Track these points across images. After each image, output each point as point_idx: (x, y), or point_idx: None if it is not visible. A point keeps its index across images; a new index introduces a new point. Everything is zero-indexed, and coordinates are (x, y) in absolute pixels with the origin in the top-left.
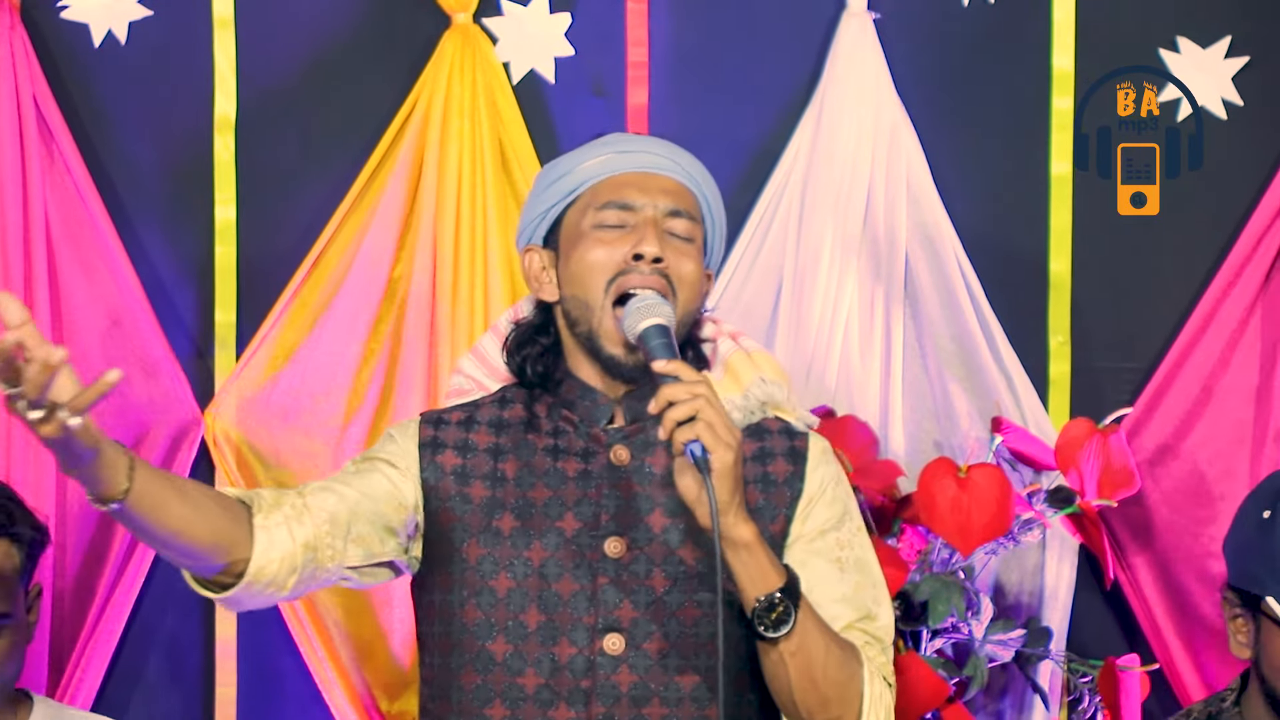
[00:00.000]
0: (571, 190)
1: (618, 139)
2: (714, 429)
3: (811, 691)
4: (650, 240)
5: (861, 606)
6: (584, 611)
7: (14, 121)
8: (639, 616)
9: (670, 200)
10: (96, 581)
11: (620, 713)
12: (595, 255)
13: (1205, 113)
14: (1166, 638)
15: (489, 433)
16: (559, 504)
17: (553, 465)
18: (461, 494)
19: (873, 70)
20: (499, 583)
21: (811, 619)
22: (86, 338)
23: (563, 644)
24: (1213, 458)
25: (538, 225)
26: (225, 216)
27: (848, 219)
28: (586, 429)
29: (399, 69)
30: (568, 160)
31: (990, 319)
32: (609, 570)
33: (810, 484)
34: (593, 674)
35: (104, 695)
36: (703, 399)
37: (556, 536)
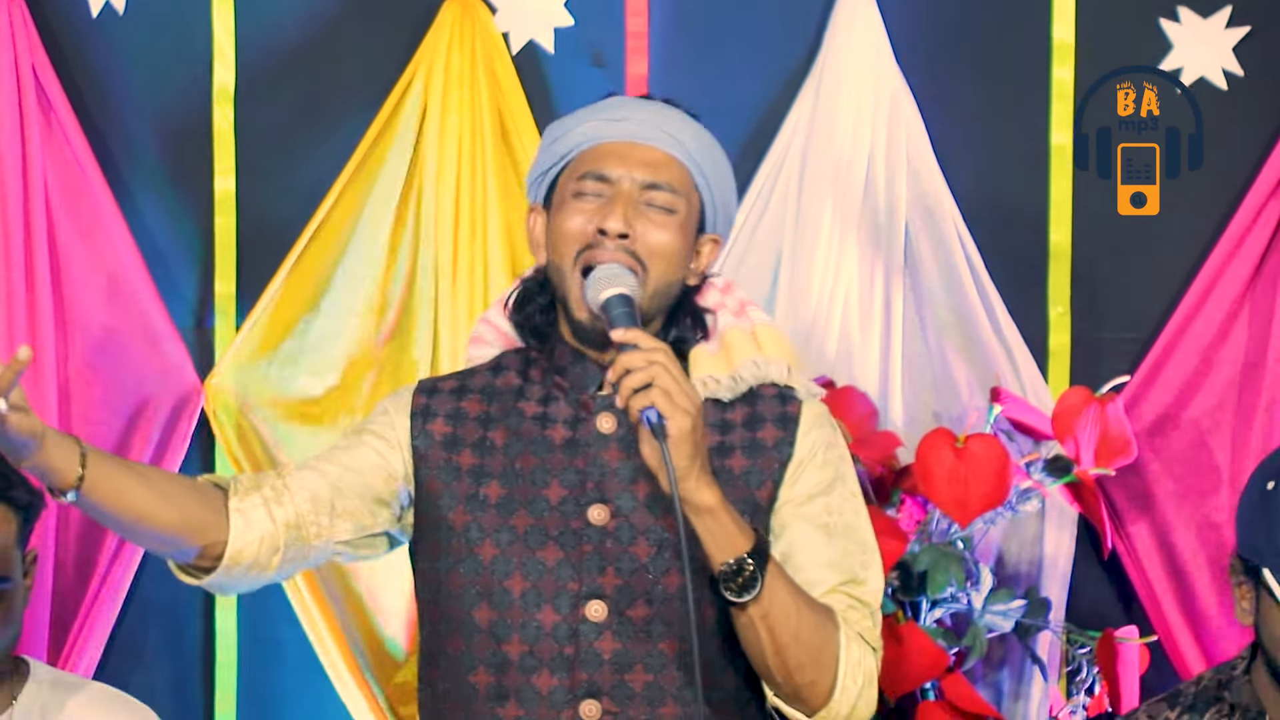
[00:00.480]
0: (564, 154)
1: (614, 105)
2: (670, 395)
3: (784, 655)
4: (615, 216)
5: (848, 570)
6: (568, 579)
7: (13, 93)
8: (622, 584)
9: (648, 173)
10: (97, 552)
11: (603, 679)
12: (569, 224)
13: (1205, 83)
14: (1165, 608)
15: (480, 400)
16: (545, 471)
17: (540, 433)
18: (449, 461)
19: (872, 40)
20: (483, 550)
21: (781, 583)
22: (87, 309)
23: (546, 611)
24: (1212, 428)
25: (539, 184)
26: (225, 187)
27: (847, 190)
28: (576, 395)
29: (398, 39)
30: (566, 122)
31: (990, 290)
32: (593, 538)
33: (800, 448)
34: (575, 641)
35: (105, 665)
36: (658, 365)
37: (542, 504)
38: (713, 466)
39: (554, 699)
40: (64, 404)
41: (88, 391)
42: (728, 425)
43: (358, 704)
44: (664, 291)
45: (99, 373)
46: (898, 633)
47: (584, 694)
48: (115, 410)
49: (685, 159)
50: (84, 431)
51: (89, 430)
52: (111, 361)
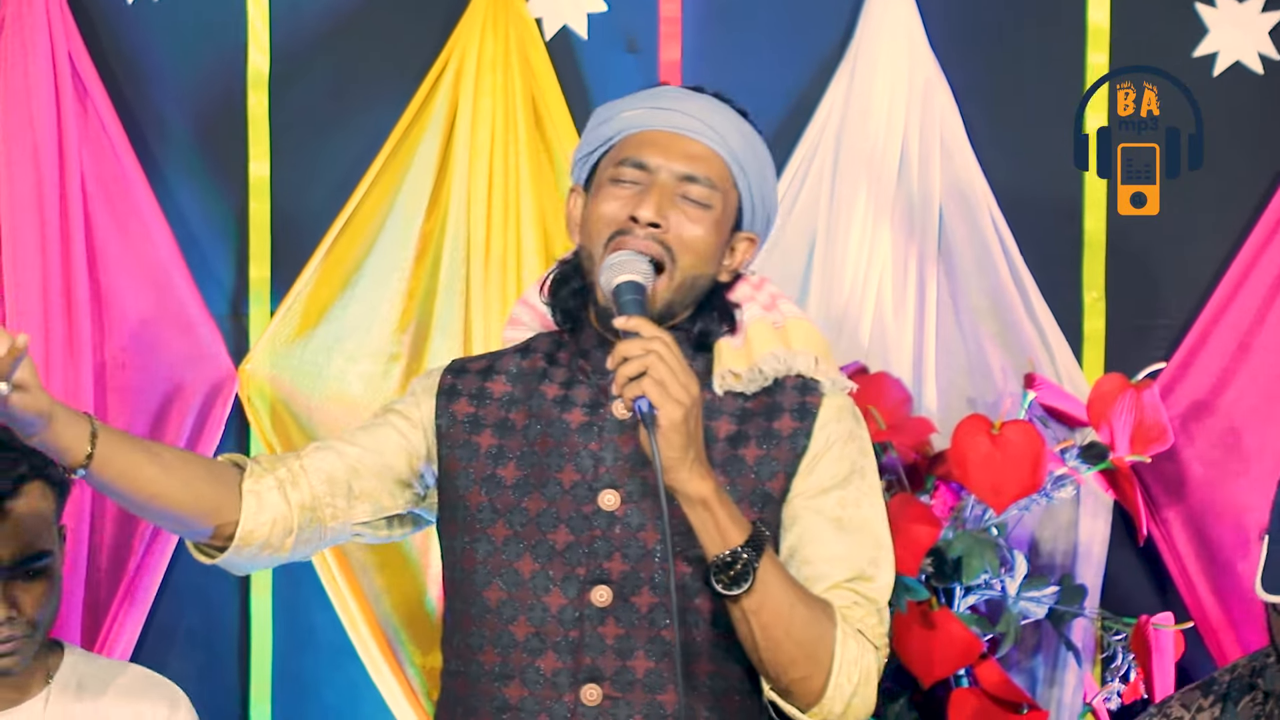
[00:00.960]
0: (608, 138)
1: (662, 94)
2: (663, 385)
3: (776, 650)
4: (649, 204)
5: (855, 566)
6: (576, 563)
7: (50, 78)
8: (628, 570)
9: (688, 165)
10: (133, 537)
11: (606, 664)
12: (604, 209)
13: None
14: (1201, 595)
15: (505, 382)
16: (560, 455)
17: (559, 416)
18: (469, 442)
19: (906, 25)
20: (496, 530)
21: (776, 577)
22: (122, 295)
23: (554, 594)
24: (1248, 414)
25: (582, 166)
26: (259, 172)
27: (881, 175)
28: (597, 380)
29: (432, 25)
30: (613, 106)
31: (1025, 275)
32: (602, 522)
33: (816, 441)
34: (580, 625)
35: (141, 648)
36: (654, 355)
37: (555, 487)
38: (725, 455)
39: (557, 681)
40: (100, 390)
41: (124, 377)
42: (746, 414)
43: (391, 688)
44: (690, 285)
45: (135, 359)
46: (931, 619)
47: (585, 678)
48: (151, 396)
49: (727, 155)
50: (120, 417)
51: (125, 416)
52: (147, 347)
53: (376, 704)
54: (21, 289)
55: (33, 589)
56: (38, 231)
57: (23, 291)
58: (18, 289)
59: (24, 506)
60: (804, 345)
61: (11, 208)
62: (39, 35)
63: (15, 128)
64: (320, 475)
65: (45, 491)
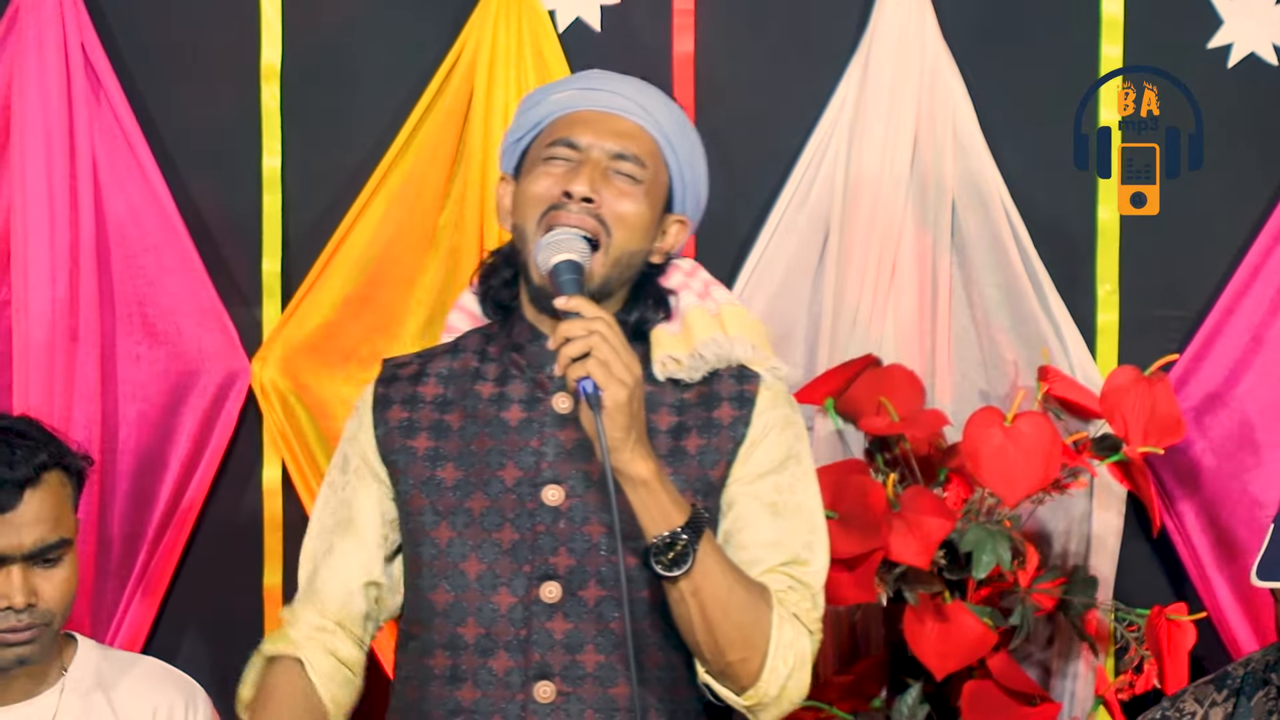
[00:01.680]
0: (538, 122)
1: (589, 75)
2: (607, 366)
3: (714, 632)
4: (582, 179)
5: (790, 550)
6: (522, 560)
7: (62, 69)
8: (574, 564)
9: (619, 142)
10: (145, 528)
11: (555, 660)
12: (536, 187)
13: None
14: (1215, 586)
15: (437, 384)
16: (500, 453)
17: (496, 415)
18: (405, 447)
19: (920, 17)
20: (440, 533)
21: (715, 559)
22: (135, 287)
23: (502, 593)
24: (1262, 406)
25: (510, 154)
26: (271, 165)
27: (894, 167)
28: (533, 374)
29: (444, 17)
30: (541, 91)
31: (1038, 267)
32: (546, 518)
33: (754, 428)
34: (529, 623)
35: (153, 640)
36: (598, 335)
37: (497, 485)
38: (668, 446)
39: (509, 681)
40: (111, 384)
41: (135, 370)
42: (685, 405)
43: None
44: (626, 261)
45: (147, 351)
46: (944, 612)
47: (536, 675)
48: (164, 389)
49: (656, 133)
50: (132, 411)
51: (137, 410)
52: (159, 340)
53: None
54: (32, 280)
55: (52, 577)
56: (48, 222)
57: (33, 283)
58: (29, 280)
59: (45, 494)
60: (740, 332)
61: (24, 198)
62: (52, 26)
63: (28, 118)
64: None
65: (64, 480)
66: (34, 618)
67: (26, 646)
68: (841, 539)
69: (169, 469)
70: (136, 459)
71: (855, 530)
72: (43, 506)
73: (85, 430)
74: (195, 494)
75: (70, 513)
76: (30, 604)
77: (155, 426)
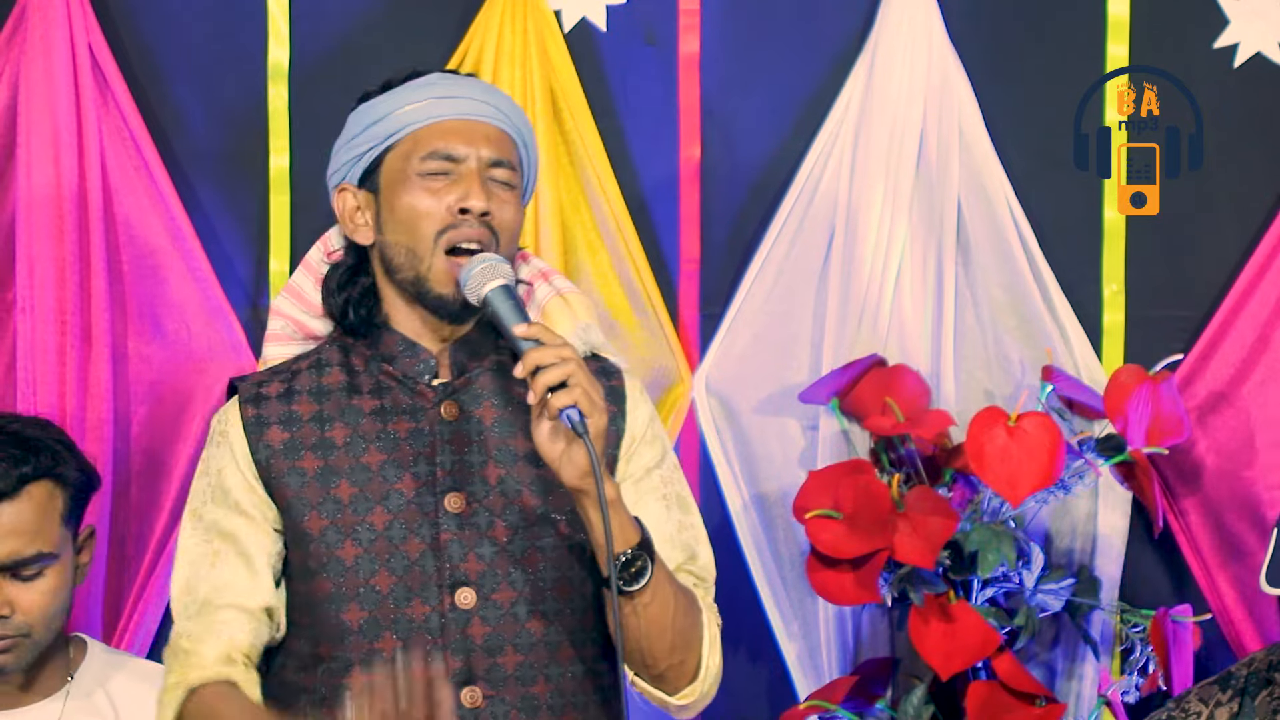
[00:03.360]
0: (390, 134)
1: (436, 81)
2: (589, 394)
3: (663, 640)
4: (477, 194)
5: (686, 547)
6: (432, 569)
7: (70, 71)
8: (485, 568)
9: (492, 149)
10: (154, 529)
11: (476, 664)
12: (423, 204)
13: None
14: (1219, 586)
15: (311, 401)
16: (395, 466)
17: (382, 428)
18: (293, 467)
19: (925, 17)
20: (345, 551)
21: (664, 570)
22: (143, 287)
23: (415, 604)
24: (1268, 406)
25: (352, 167)
26: (279, 165)
27: (900, 168)
28: (412, 385)
29: (451, 17)
30: (385, 103)
31: (1043, 267)
32: (451, 525)
33: (633, 423)
34: (446, 630)
35: (159, 643)
36: (573, 362)
37: (398, 498)
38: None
39: None
40: (119, 384)
41: (143, 371)
42: None
43: None
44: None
45: (155, 352)
46: (949, 612)
47: (461, 681)
48: (171, 389)
49: (514, 134)
50: (140, 411)
51: (145, 409)
52: (167, 340)
53: None
54: (39, 281)
55: (31, 589)
56: (56, 223)
57: (41, 284)
58: (35, 281)
59: (24, 506)
60: (588, 319)
61: (31, 199)
62: (59, 27)
63: (35, 119)
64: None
65: (54, 492)
66: (7, 629)
67: (2, 656)
68: (846, 539)
69: (178, 470)
70: (146, 460)
71: (860, 530)
72: (19, 519)
73: (96, 431)
74: None
75: (56, 526)
76: (3, 615)
77: (165, 427)
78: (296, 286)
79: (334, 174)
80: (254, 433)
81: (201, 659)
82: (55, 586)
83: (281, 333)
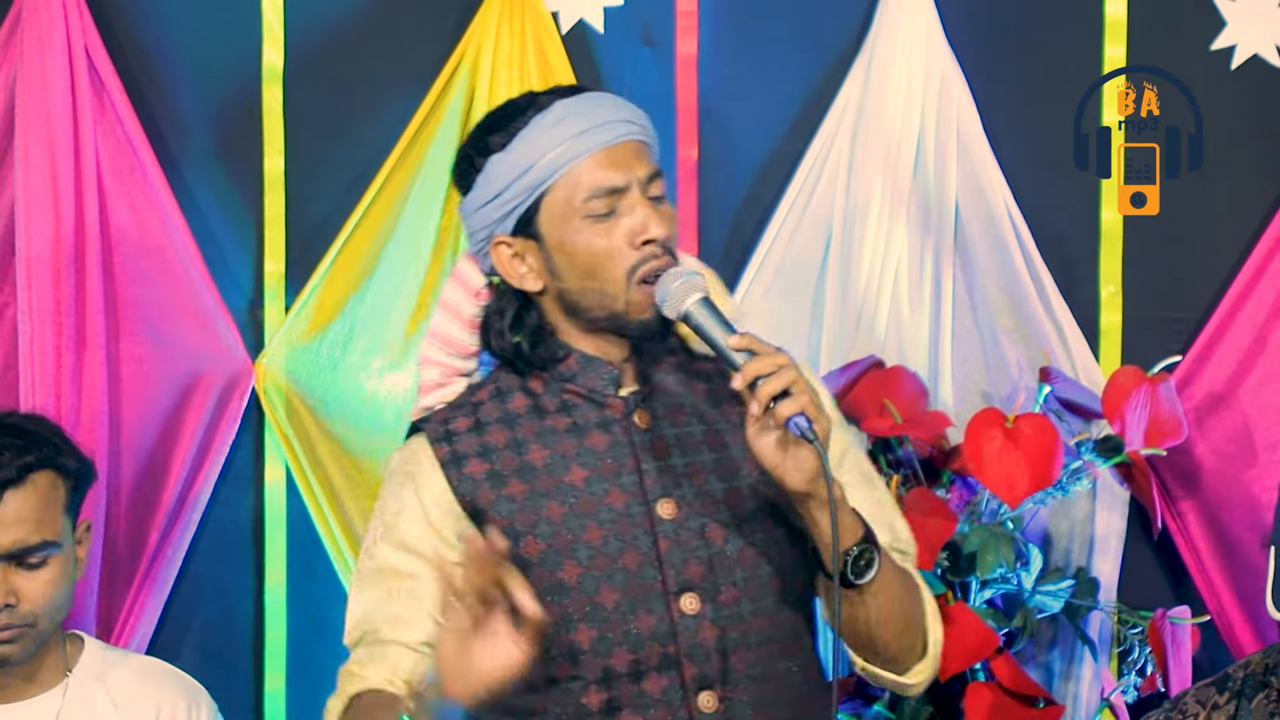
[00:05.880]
0: (541, 182)
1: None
2: (812, 400)
3: (891, 625)
4: (655, 222)
5: (888, 524)
6: (653, 579)
7: (66, 72)
8: (705, 571)
9: (644, 165)
10: (149, 528)
11: (710, 670)
12: (601, 245)
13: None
14: (1217, 588)
15: (501, 429)
16: (600, 480)
17: (580, 444)
18: (500, 495)
19: (923, 18)
20: (567, 572)
21: (886, 557)
22: (139, 288)
23: (641, 615)
24: (1265, 407)
25: (504, 221)
26: (274, 167)
27: (898, 168)
28: (599, 399)
29: (448, 19)
30: (523, 153)
31: (1041, 269)
32: (667, 532)
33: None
34: (676, 638)
35: (156, 640)
36: (792, 369)
37: (608, 513)
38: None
39: (669, 699)
40: (114, 384)
41: (139, 371)
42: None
43: None
44: None
45: (151, 353)
46: (947, 613)
47: (697, 687)
48: (166, 390)
49: (649, 138)
50: (135, 412)
51: (140, 410)
52: (162, 341)
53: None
54: (34, 283)
55: (36, 579)
56: (52, 225)
57: (36, 286)
58: (30, 283)
59: (28, 495)
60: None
61: (27, 201)
62: (55, 29)
63: (31, 121)
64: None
65: (56, 482)
66: (13, 618)
67: (6, 646)
68: None
69: (173, 471)
70: (141, 461)
71: None
72: (24, 507)
73: (91, 432)
74: (199, 496)
75: (59, 515)
76: (9, 604)
77: (159, 429)
78: (443, 332)
79: (480, 231)
80: (453, 469)
81: (365, 680)
82: (58, 576)
83: (434, 380)
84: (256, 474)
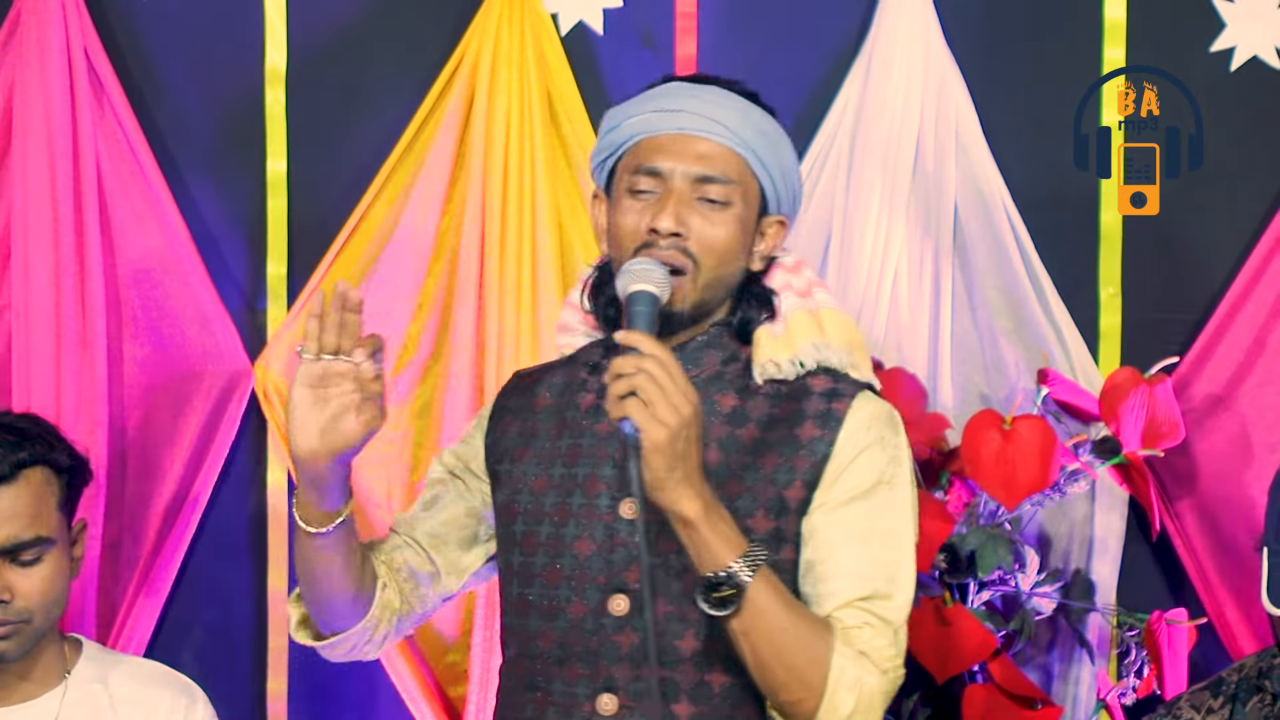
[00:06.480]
0: (621, 144)
1: (667, 93)
2: (651, 406)
3: (765, 672)
4: (667, 215)
5: (871, 584)
6: (597, 572)
7: (65, 74)
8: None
9: (702, 166)
10: (147, 533)
11: (619, 674)
12: (626, 222)
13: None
14: (1215, 590)
15: (548, 394)
16: (588, 464)
17: (590, 426)
18: (510, 455)
19: (922, 20)
20: (529, 542)
21: (769, 599)
22: (139, 290)
23: (575, 604)
24: (1264, 409)
25: (600, 171)
26: (276, 169)
27: (897, 170)
28: None
29: (447, 21)
30: (621, 111)
31: (1040, 271)
32: (621, 532)
33: (841, 450)
34: (599, 634)
35: (155, 643)
36: (644, 374)
37: (580, 498)
38: (744, 463)
39: (577, 691)
40: (115, 386)
41: (139, 373)
42: (773, 421)
43: (408, 684)
44: (717, 284)
45: (151, 355)
46: (945, 615)
47: (602, 687)
48: (167, 392)
49: (740, 147)
50: (136, 414)
51: (141, 412)
52: (163, 343)
53: (392, 699)
54: (35, 284)
55: (31, 575)
56: (52, 227)
57: (35, 287)
58: (31, 284)
59: (22, 491)
60: (837, 337)
61: (26, 203)
62: (55, 31)
63: (31, 123)
64: (406, 573)
65: (49, 478)
66: (7, 614)
67: (1, 643)
68: None
69: (173, 472)
70: (141, 462)
71: None
72: (18, 503)
73: (91, 435)
74: (199, 497)
75: (53, 512)
76: (3, 600)
77: (160, 430)
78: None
79: (592, 175)
80: (496, 419)
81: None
82: (53, 573)
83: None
84: (257, 475)
